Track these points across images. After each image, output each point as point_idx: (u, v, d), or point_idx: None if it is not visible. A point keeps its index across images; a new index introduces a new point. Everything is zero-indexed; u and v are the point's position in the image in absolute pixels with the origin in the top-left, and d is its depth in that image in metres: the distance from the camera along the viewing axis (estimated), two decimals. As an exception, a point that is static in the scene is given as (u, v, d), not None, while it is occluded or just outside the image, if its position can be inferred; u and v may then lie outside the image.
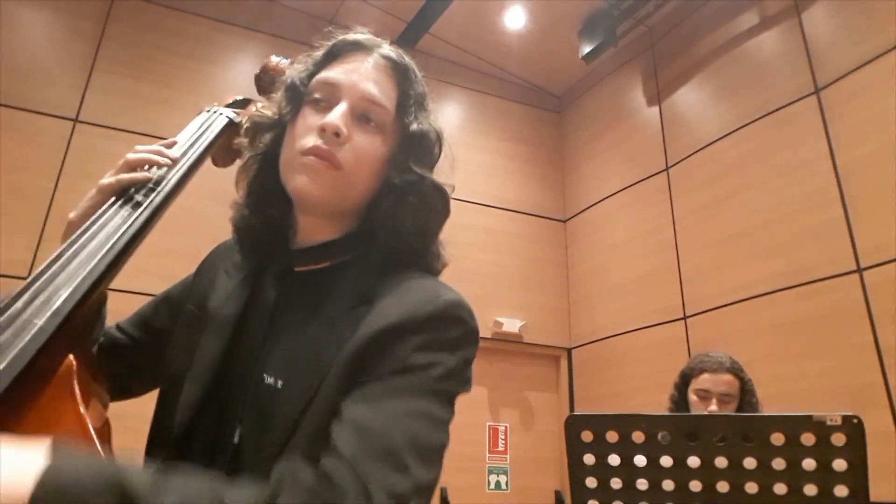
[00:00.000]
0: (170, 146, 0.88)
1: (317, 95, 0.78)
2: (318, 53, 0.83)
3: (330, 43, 0.83)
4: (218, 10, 4.07)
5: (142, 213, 0.78)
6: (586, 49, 4.32)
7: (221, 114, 0.99)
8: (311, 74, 0.81)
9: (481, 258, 4.28)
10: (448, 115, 4.73)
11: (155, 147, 0.86)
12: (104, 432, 0.65)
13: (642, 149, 4.24)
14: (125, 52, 3.74)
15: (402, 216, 0.76)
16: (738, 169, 3.53)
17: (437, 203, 0.79)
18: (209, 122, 0.97)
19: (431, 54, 4.63)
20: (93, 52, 3.66)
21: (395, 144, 0.78)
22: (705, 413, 2.07)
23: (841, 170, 3.00)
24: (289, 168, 0.76)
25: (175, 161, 0.86)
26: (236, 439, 0.68)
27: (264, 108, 0.86)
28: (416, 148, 0.79)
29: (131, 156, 0.83)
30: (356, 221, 0.79)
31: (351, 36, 0.83)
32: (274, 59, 1.07)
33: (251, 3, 4.19)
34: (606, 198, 4.46)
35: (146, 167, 0.84)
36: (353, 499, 0.53)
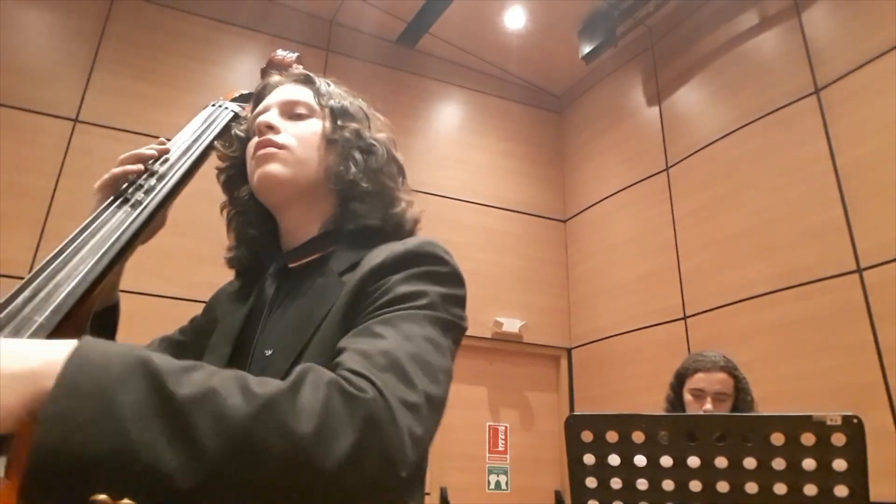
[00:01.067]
0: (161, 144, 0.90)
1: (255, 122, 0.88)
2: (250, 110, 0.97)
3: (254, 92, 0.97)
4: (218, 10, 4.07)
5: (146, 207, 0.78)
6: (586, 49, 4.32)
7: (227, 108, 1.00)
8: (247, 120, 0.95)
9: (481, 258, 4.28)
10: (448, 115, 4.73)
11: (142, 151, 0.87)
12: None
13: (642, 149, 4.24)
14: (125, 52, 3.74)
15: (350, 167, 0.85)
16: (738, 169, 3.53)
17: (379, 150, 0.88)
18: (214, 116, 0.98)
19: (431, 54, 4.63)
20: (93, 52, 3.66)
21: (326, 120, 0.89)
22: (705, 413, 2.08)
23: (841, 170, 3.00)
24: (251, 176, 0.86)
25: (168, 151, 0.88)
26: None
27: (222, 160, 0.95)
28: (343, 116, 0.89)
29: (123, 155, 0.85)
30: (329, 204, 0.87)
31: (266, 79, 0.97)
32: (280, 53, 1.09)
33: (251, 3, 4.19)
34: (606, 198, 4.46)
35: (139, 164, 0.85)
36: (372, 395, 0.53)
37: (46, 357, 0.45)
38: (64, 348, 0.46)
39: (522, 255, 4.54)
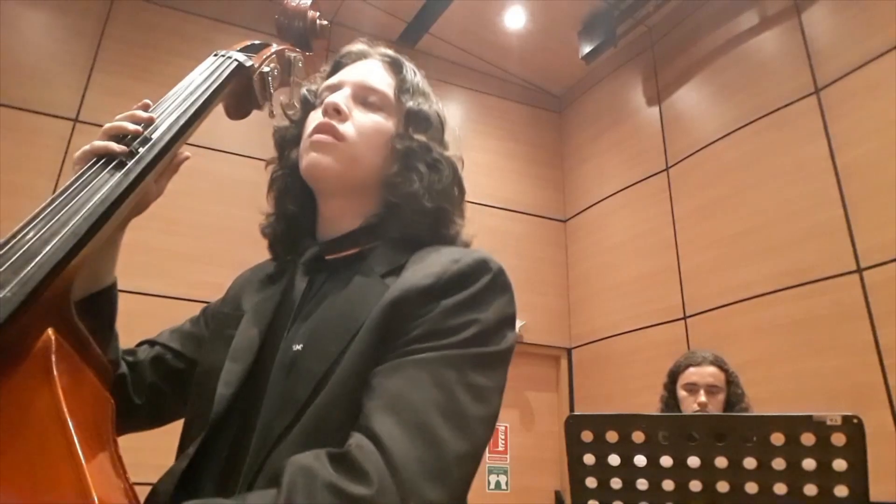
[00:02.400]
0: (144, 108, 0.82)
1: (324, 96, 0.84)
2: (326, 69, 0.92)
3: (336, 57, 0.91)
4: (218, 10, 4.07)
5: (132, 170, 0.69)
6: (586, 49, 4.32)
7: (231, 57, 0.91)
8: (320, 86, 0.88)
9: (481, 258, 4.28)
10: (448, 115, 4.72)
11: (125, 116, 0.79)
12: (89, 414, 0.56)
13: (642, 149, 4.24)
14: (125, 52, 3.74)
15: (412, 180, 0.79)
16: (738, 169, 3.53)
17: (444, 170, 0.82)
18: (216, 66, 0.90)
19: (431, 54, 4.63)
20: (93, 52, 3.66)
21: (398, 121, 0.84)
22: (701, 406, 2.10)
23: (841, 170, 3.00)
24: (302, 155, 0.81)
25: (153, 121, 0.78)
26: (259, 418, 0.67)
27: (282, 117, 0.90)
28: (417, 122, 0.83)
29: (107, 125, 0.77)
30: (375, 201, 0.81)
31: (351, 46, 0.91)
32: (294, 0, 1.02)
33: (251, 3, 4.19)
34: (606, 198, 4.46)
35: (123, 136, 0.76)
36: (377, 489, 0.51)
37: None
38: None
39: (522, 255, 4.53)
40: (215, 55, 0.93)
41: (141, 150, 0.72)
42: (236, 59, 0.90)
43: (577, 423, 1.20)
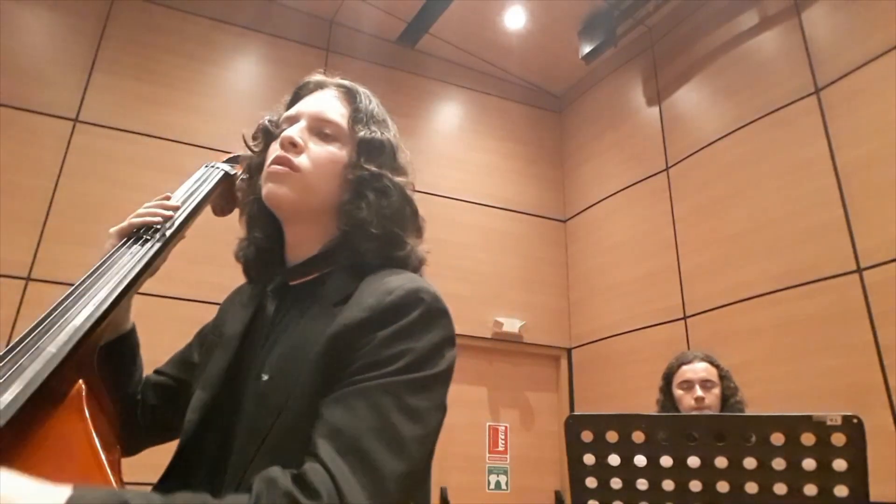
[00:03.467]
0: (167, 200, 1.00)
1: (283, 128, 0.91)
2: (287, 98, 0.99)
3: (295, 89, 0.98)
4: (218, 10, 4.07)
5: (146, 255, 0.88)
6: (586, 49, 4.32)
7: (217, 167, 1.10)
8: (280, 116, 0.96)
9: (481, 258, 4.28)
10: (448, 115, 4.73)
11: (154, 204, 0.97)
12: (113, 451, 0.70)
13: (642, 149, 4.24)
14: (125, 52, 3.74)
15: (362, 208, 0.85)
16: (738, 169, 3.53)
17: (394, 196, 0.88)
18: (207, 175, 1.09)
19: (431, 54, 4.63)
20: (93, 52, 3.66)
21: (352, 150, 0.89)
22: (705, 413, 2.10)
23: (841, 170, 3.00)
24: (262, 185, 0.88)
25: (176, 209, 0.97)
26: (234, 440, 0.76)
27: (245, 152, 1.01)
28: (368, 151, 0.89)
29: (136, 220, 0.93)
30: (333, 226, 0.88)
31: (309, 77, 0.97)
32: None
33: (251, 3, 4.19)
34: (606, 198, 4.46)
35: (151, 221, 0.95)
36: (326, 498, 0.59)
37: (48, 498, 0.52)
38: (60, 496, 0.53)
39: (522, 255, 4.54)
40: (206, 166, 1.12)
41: (155, 238, 0.92)
42: (222, 169, 1.10)
43: (577, 423, 1.20)
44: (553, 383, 4.45)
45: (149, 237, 0.91)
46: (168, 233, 0.94)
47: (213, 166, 1.11)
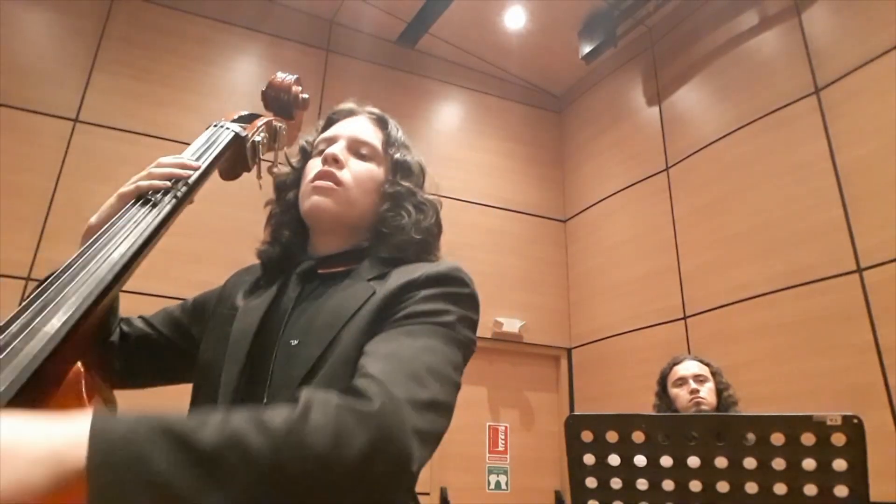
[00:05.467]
0: (188, 167, 0.93)
1: (321, 147, 0.96)
2: (321, 124, 1.04)
3: (329, 114, 1.04)
4: (218, 10, 4.07)
5: (156, 219, 0.81)
6: (586, 49, 4.32)
7: (228, 128, 1.03)
8: (316, 138, 1.00)
9: (481, 258, 4.28)
10: (448, 115, 4.73)
11: (177, 161, 0.90)
12: None
13: (642, 149, 4.24)
14: (125, 52, 3.74)
15: (402, 216, 0.92)
16: (738, 169, 3.53)
17: (428, 211, 0.96)
18: (216, 136, 1.01)
19: (431, 54, 4.63)
20: (93, 52, 3.66)
21: (387, 170, 0.97)
22: (705, 413, 2.13)
23: (841, 170, 3.00)
24: (304, 197, 0.93)
25: (195, 168, 0.92)
26: (265, 399, 0.76)
27: (282, 166, 1.04)
28: (403, 171, 0.97)
29: (154, 170, 0.88)
30: (364, 237, 0.93)
31: (341, 105, 1.03)
32: (280, 76, 1.13)
33: (251, 3, 4.19)
34: (606, 198, 4.46)
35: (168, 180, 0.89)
36: (380, 404, 0.59)
37: (66, 437, 0.48)
38: (80, 427, 0.49)
39: (522, 255, 4.53)
40: (214, 125, 1.03)
41: (160, 205, 0.84)
42: (233, 130, 1.02)
43: (577, 423, 1.20)
44: (553, 383, 4.45)
45: (156, 201, 0.84)
46: (179, 195, 0.86)
47: (222, 126, 1.03)
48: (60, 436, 0.48)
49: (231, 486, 0.50)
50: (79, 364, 0.67)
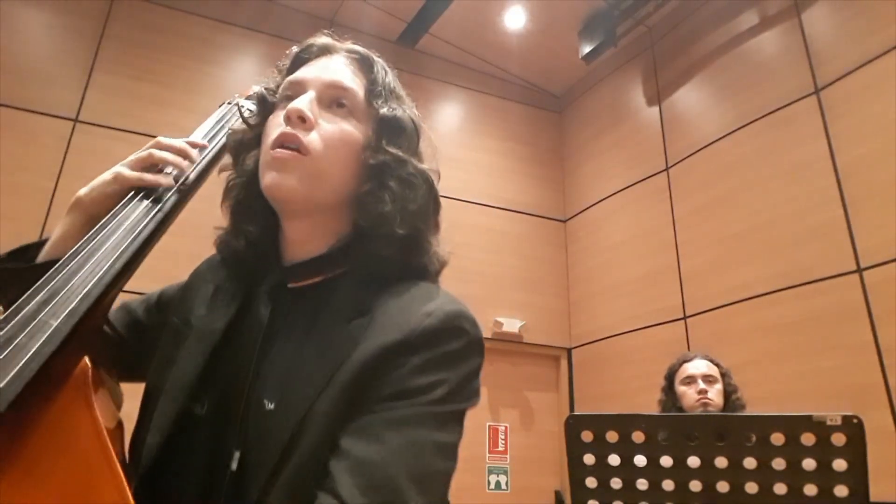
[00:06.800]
0: (195, 146, 0.83)
1: (287, 94, 0.76)
2: (285, 63, 0.83)
3: (295, 50, 0.83)
4: (218, 10, 4.07)
5: (159, 212, 0.74)
6: (586, 49, 4.32)
7: (243, 106, 0.91)
8: (280, 83, 0.80)
9: (481, 258, 4.28)
10: (448, 115, 4.73)
11: (180, 145, 0.80)
12: (117, 433, 0.63)
13: (642, 149, 4.24)
14: (125, 52, 3.74)
15: (385, 201, 0.72)
16: (738, 169, 3.53)
17: (420, 187, 0.75)
18: (229, 115, 0.92)
19: (431, 54, 4.63)
20: (93, 52, 3.66)
21: (369, 129, 0.75)
22: (705, 413, 2.12)
23: (841, 170, 3.00)
24: (262, 169, 0.72)
25: (203, 146, 0.83)
26: (234, 466, 0.64)
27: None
28: (391, 131, 0.75)
29: (157, 153, 0.77)
30: (344, 220, 0.75)
31: (313, 39, 0.82)
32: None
33: (251, 3, 4.19)
34: (606, 198, 4.46)
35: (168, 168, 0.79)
36: None
37: None
38: None
39: (522, 255, 4.53)
40: (227, 103, 0.95)
41: (170, 191, 0.77)
42: (249, 109, 0.91)
43: (577, 423, 1.20)
44: (553, 383, 4.45)
45: (160, 195, 0.76)
46: (182, 191, 0.78)
47: (235, 104, 0.92)
48: None
49: None
50: (85, 359, 0.63)
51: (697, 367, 2.28)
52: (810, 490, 1.06)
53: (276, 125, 0.73)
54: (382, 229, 0.71)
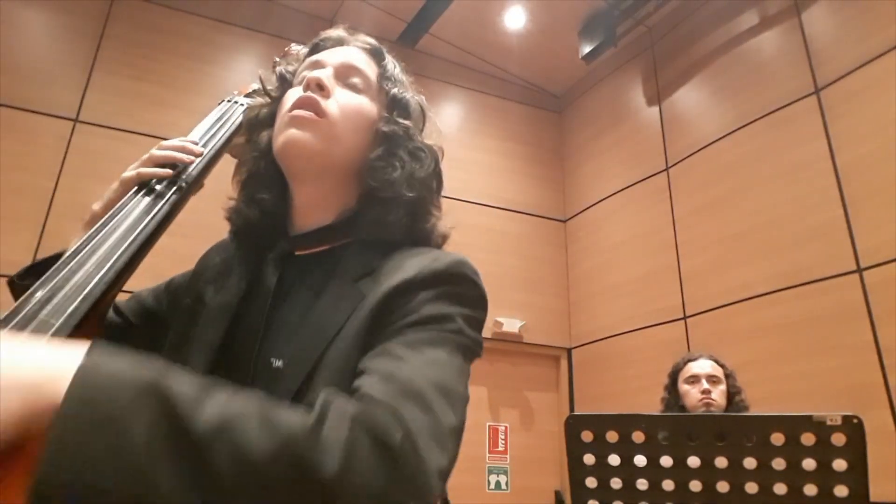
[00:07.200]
0: (195, 143, 0.86)
1: (304, 74, 0.80)
2: (304, 50, 0.89)
3: (315, 40, 0.88)
4: (218, 10, 4.07)
5: (160, 210, 0.75)
6: (586, 49, 4.32)
7: (241, 104, 0.94)
8: (297, 66, 0.86)
9: (481, 258, 4.23)
10: (448, 115, 4.73)
11: (179, 143, 0.84)
12: None
13: (642, 149, 4.24)
14: (125, 52, 3.74)
15: (394, 166, 0.77)
16: (738, 169, 3.53)
17: (426, 160, 0.81)
18: (229, 113, 0.93)
19: (431, 54, 4.63)
20: (93, 52, 3.66)
21: (381, 106, 0.82)
22: (705, 413, 2.12)
23: (841, 170, 3.00)
24: (278, 132, 0.77)
25: (199, 155, 0.85)
26: None
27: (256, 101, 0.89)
28: (401, 109, 0.82)
29: (156, 152, 0.82)
30: (351, 190, 0.79)
31: (329, 32, 0.88)
32: (295, 48, 1.06)
33: (251, 3, 4.19)
34: (606, 198, 4.46)
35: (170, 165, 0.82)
36: (400, 439, 0.50)
37: (52, 368, 0.42)
38: (71, 359, 0.42)
39: (522, 255, 4.53)
40: (227, 101, 0.97)
41: (171, 189, 0.79)
42: (245, 105, 0.95)
43: (577, 423, 1.20)
44: (553, 383, 4.45)
45: (161, 192, 0.78)
46: (182, 189, 0.80)
47: (235, 102, 0.95)
48: (48, 364, 0.42)
49: (210, 485, 0.41)
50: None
51: (702, 366, 2.27)
52: (810, 490, 1.06)
53: (294, 95, 0.77)
54: (390, 191, 0.76)
